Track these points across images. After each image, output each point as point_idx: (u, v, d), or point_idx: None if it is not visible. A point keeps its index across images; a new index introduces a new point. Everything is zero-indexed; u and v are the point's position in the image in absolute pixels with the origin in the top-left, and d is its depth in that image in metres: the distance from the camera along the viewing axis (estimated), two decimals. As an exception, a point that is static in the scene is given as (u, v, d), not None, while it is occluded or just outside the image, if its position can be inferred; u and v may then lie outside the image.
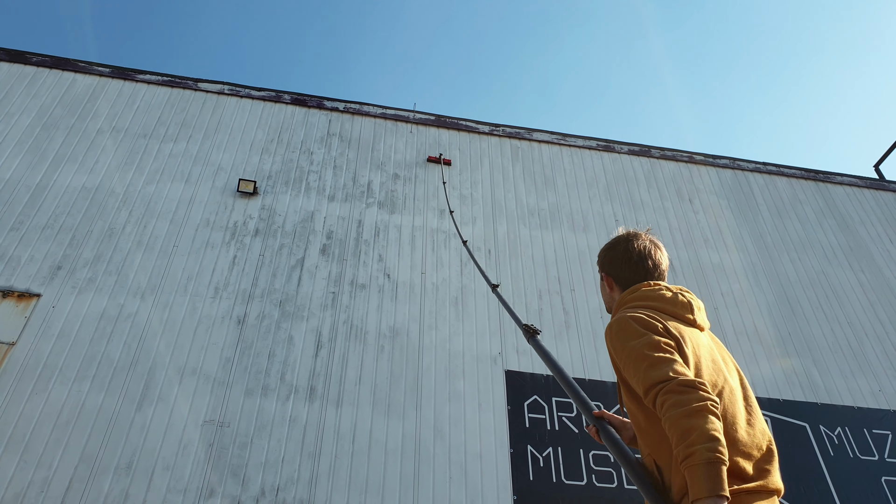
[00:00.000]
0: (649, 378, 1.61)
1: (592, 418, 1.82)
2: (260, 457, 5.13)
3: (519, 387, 5.99)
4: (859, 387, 6.71)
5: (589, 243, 7.38)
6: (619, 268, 2.07)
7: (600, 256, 2.19)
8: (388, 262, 6.66)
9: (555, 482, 5.44)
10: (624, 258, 2.07)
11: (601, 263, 2.18)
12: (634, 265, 2.05)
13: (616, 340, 1.80)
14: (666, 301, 1.91)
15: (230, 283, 6.15)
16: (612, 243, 2.16)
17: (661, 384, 1.58)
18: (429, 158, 7.85)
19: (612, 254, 2.12)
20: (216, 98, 7.80)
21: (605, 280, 2.15)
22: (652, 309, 1.87)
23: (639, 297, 1.94)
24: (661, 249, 2.11)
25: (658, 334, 1.72)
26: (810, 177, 9.03)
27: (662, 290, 1.94)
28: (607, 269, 2.13)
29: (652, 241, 2.11)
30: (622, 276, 2.06)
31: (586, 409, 1.84)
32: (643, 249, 2.06)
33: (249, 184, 6.88)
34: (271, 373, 5.64)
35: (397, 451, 5.39)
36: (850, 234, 8.37)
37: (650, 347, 1.68)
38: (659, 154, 8.66)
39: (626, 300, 1.97)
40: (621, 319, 1.82)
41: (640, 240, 2.09)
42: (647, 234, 2.13)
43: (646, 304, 1.90)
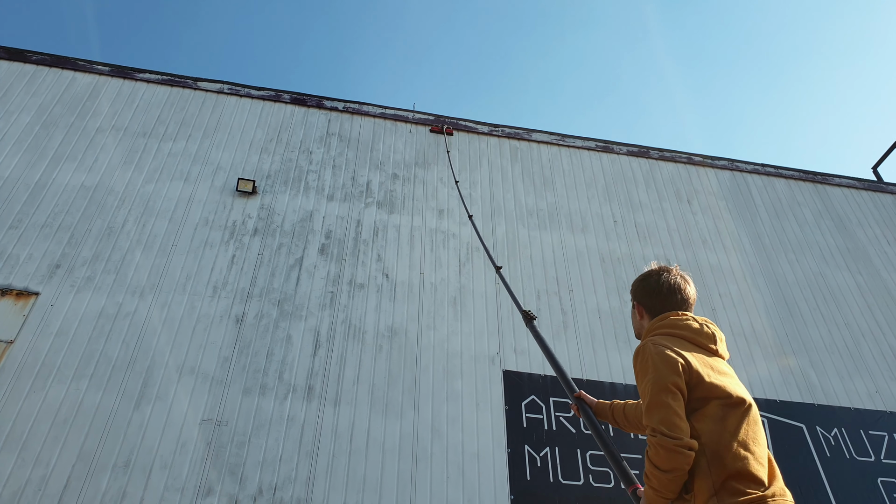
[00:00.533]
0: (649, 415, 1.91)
1: (573, 398, 2.25)
2: (258, 455, 5.14)
3: (517, 387, 6.00)
4: (856, 388, 6.73)
5: (587, 244, 7.40)
6: (650, 298, 2.28)
7: (634, 287, 2.41)
8: (387, 262, 6.67)
9: (552, 482, 5.46)
10: (656, 289, 2.28)
11: (634, 293, 2.40)
12: (665, 297, 2.25)
13: (637, 366, 2.05)
14: (692, 331, 2.11)
15: (229, 283, 6.16)
16: (645, 276, 2.37)
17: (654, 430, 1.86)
18: (432, 129, 7.87)
19: (644, 285, 2.34)
20: (216, 97, 7.81)
21: (636, 308, 2.37)
22: (678, 337, 2.08)
23: (667, 324, 2.15)
24: (690, 284, 2.32)
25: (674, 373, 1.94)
26: (808, 178, 9.05)
27: (689, 321, 2.14)
28: (639, 299, 2.35)
29: (682, 276, 2.32)
30: (653, 305, 2.27)
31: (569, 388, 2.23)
32: (673, 283, 2.27)
33: (248, 183, 6.89)
34: (269, 372, 5.65)
35: (395, 450, 5.40)
36: (848, 236, 8.39)
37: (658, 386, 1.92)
38: (658, 155, 8.68)
39: (655, 327, 2.18)
40: (646, 347, 2.03)
41: (671, 274, 2.31)
42: (678, 270, 2.35)
43: (672, 332, 2.10)
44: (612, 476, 5.57)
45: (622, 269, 7.24)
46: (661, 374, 1.92)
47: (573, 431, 5.80)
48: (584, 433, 5.82)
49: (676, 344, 2.03)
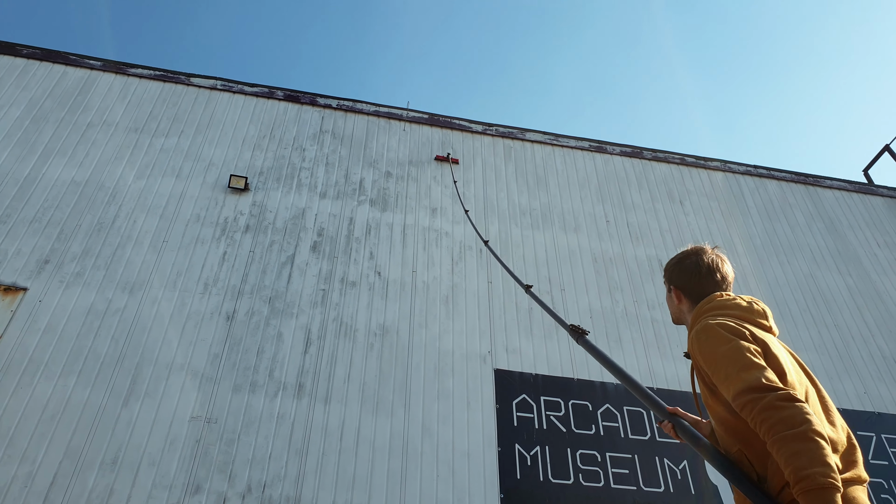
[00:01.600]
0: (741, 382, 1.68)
1: (667, 415, 1.93)
2: (247, 453, 5.12)
3: (508, 385, 6.00)
4: (845, 389, 6.76)
5: (580, 244, 7.40)
6: (688, 280, 2.17)
7: (668, 269, 2.28)
8: (379, 260, 6.65)
9: (542, 481, 5.46)
10: (694, 271, 2.17)
11: (669, 276, 2.27)
12: (704, 278, 2.15)
13: (705, 346, 1.86)
14: (743, 309, 2.00)
15: (220, 280, 6.14)
16: (680, 257, 2.25)
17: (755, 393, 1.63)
18: (436, 158, 7.87)
19: (680, 267, 2.22)
20: (209, 93, 7.77)
21: (673, 292, 2.25)
22: (732, 317, 1.96)
23: (717, 305, 2.03)
24: (727, 262, 2.21)
25: (746, 340, 1.80)
26: (800, 180, 9.09)
27: (737, 300, 2.03)
28: (676, 282, 2.23)
29: (718, 255, 2.21)
30: (691, 288, 2.16)
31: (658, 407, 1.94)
32: (711, 263, 2.17)
33: (241, 180, 6.86)
34: (260, 369, 5.63)
35: (385, 448, 5.39)
36: (839, 238, 8.43)
37: (739, 352, 1.76)
38: (651, 156, 8.70)
39: (704, 310, 2.06)
40: (707, 326, 1.90)
41: (708, 254, 2.20)
42: (714, 249, 2.23)
43: (725, 313, 1.99)
44: (601, 475, 5.58)
45: (614, 270, 7.25)
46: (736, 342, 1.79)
47: (563, 430, 5.81)
48: (574, 432, 5.82)
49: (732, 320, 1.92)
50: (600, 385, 6.19)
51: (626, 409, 6.07)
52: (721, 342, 1.82)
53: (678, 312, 2.24)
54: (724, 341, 1.81)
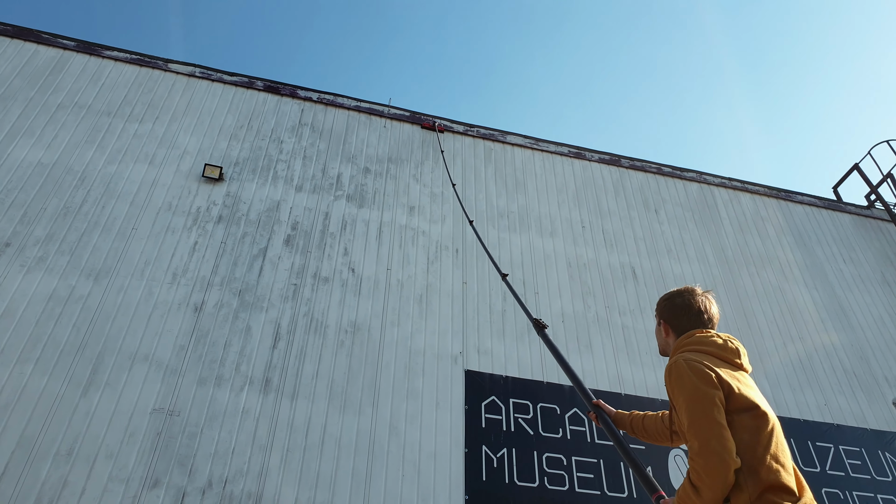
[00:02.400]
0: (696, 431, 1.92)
1: (592, 406, 2.32)
2: (209, 447, 5.02)
3: (478, 387, 5.98)
4: (806, 400, 6.88)
5: (555, 248, 7.42)
6: (678, 318, 2.36)
7: (660, 305, 2.47)
8: (354, 257, 6.59)
9: (507, 483, 5.45)
10: (684, 310, 2.35)
11: (661, 312, 2.46)
12: (693, 317, 2.33)
13: (674, 382, 2.08)
14: (717, 346, 2.18)
15: (189, 270, 6.02)
16: (672, 295, 2.44)
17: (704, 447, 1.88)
18: (423, 125, 7.83)
19: (672, 304, 2.40)
20: (186, 80, 7.63)
21: (662, 325, 2.44)
22: (705, 354, 2.15)
23: (694, 342, 2.22)
24: (715, 304, 2.42)
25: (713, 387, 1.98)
26: (773, 194, 9.22)
27: (713, 337, 2.22)
28: (666, 318, 2.41)
29: (707, 297, 2.41)
30: (680, 325, 2.35)
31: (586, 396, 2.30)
32: (700, 304, 2.36)
33: (215, 169, 6.75)
34: (226, 363, 5.53)
35: (351, 446, 5.33)
36: (807, 253, 8.57)
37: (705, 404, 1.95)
38: (628, 164, 8.75)
39: (682, 344, 2.25)
40: (679, 363, 2.08)
41: (698, 296, 2.38)
42: (705, 292, 2.43)
43: (700, 349, 2.17)
44: (566, 479, 5.59)
45: (588, 275, 7.28)
46: (702, 389, 1.97)
47: (531, 433, 5.80)
48: (542, 435, 5.82)
49: (704, 359, 2.10)
50: (569, 389, 6.20)
51: (593, 414, 6.09)
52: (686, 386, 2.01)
53: (665, 345, 2.42)
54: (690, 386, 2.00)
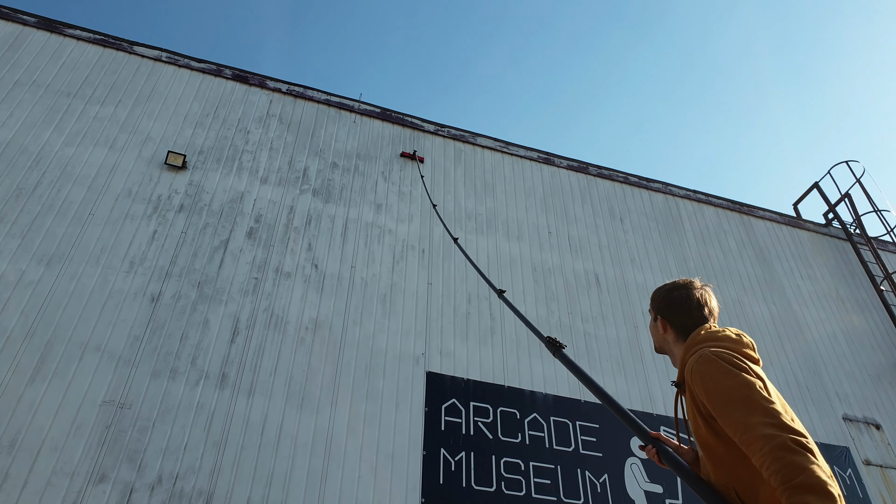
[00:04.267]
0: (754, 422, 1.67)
1: (650, 440, 1.93)
2: (161, 442, 4.88)
3: (439, 389, 5.94)
4: (762, 413, 7.01)
5: (521, 252, 7.43)
6: (677, 313, 2.19)
7: (657, 299, 2.30)
8: (318, 252, 6.49)
9: (464, 487, 5.42)
10: (683, 304, 2.19)
11: (657, 306, 2.29)
12: (693, 311, 2.17)
13: (707, 376, 1.86)
14: (733, 341, 2.02)
15: (147, 259, 5.85)
16: (669, 288, 2.27)
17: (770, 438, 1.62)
18: (402, 154, 7.77)
19: (670, 298, 2.24)
20: (152, 64, 7.43)
21: (659, 321, 2.26)
22: (725, 348, 1.96)
23: (709, 337, 2.05)
24: (714, 298, 2.26)
25: (749, 374, 1.81)
26: (735, 208, 9.40)
27: (727, 332, 2.06)
28: (663, 312, 2.25)
29: (706, 290, 2.25)
30: (679, 320, 2.19)
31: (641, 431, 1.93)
32: (700, 297, 2.20)
33: (179, 157, 6.57)
34: (182, 356, 5.38)
35: (307, 445, 5.24)
36: (767, 267, 8.76)
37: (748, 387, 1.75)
38: (596, 172, 8.82)
39: (697, 340, 2.08)
40: (707, 356, 1.89)
41: (697, 288, 2.23)
42: (704, 285, 2.27)
43: (718, 344, 2.00)
44: (524, 484, 5.59)
45: (552, 280, 7.31)
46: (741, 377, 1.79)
47: (490, 437, 5.79)
48: (501, 440, 5.81)
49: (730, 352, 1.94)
50: (529, 394, 6.21)
51: (552, 419, 6.11)
52: (724, 375, 1.82)
53: (662, 342, 2.27)
54: (728, 374, 1.81)
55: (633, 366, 6.86)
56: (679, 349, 2.16)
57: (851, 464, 6.88)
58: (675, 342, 2.19)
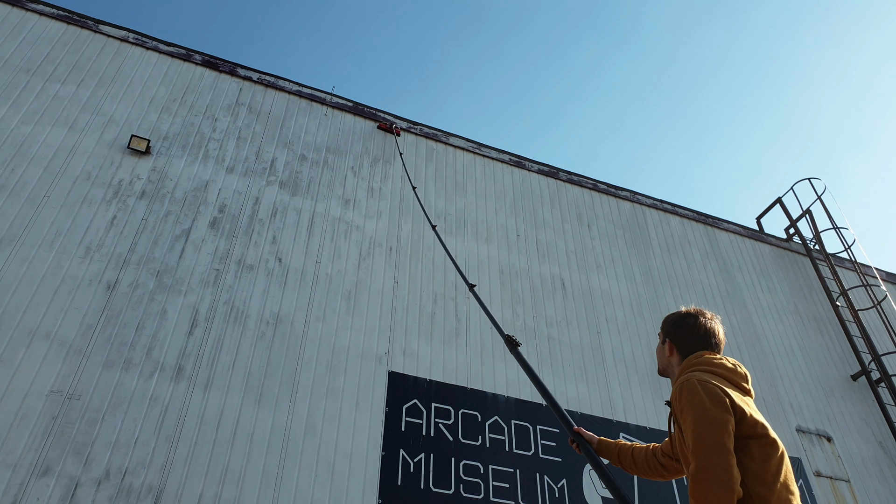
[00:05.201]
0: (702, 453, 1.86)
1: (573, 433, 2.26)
2: (110, 435, 4.71)
3: (401, 389, 5.88)
4: (718, 422, 7.11)
5: (489, 254, 7.41)
6: (686, 338, 2.34)
7: (668, 324, 2.45)
8: (282, 246, 6.36)
9: (422, 489, 5.37)
10: (692, 331, 2.34)
11: (667, 330, 2.44)
12: (701, 339, 2.32)
13: (684, 401, 2.01)
14: (726, 370, 2.16)
15: (104, 245, 5.66)
16: (681, 316, 2.42)
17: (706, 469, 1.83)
18: (379, 126, 7.68)
19: (680, 324, 2.39)
20: (118, 45, 7.20)
21: (667, 345, 2.41)
22: (716, 375, 2.11)
23: (704, 362, 2.20)
24: (722, 329, 2.41)
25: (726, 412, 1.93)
26: (700, 220, 9.54)
27: (723, 360, 2.21)
28: (672, 336, 2.39)
29: (715, 320, 2.40)
30: (687, 346, 2.33)
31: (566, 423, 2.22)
32: (710, 327, 2.35)
33: (142, 142, 6.38)
34: (137, 346, 5.22)
35: (264, 442, 5.12)
36: (728, 279, 8.90)
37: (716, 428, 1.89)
38: (566, 178, 8.86)
39: (691, 364, 2.23)
40: (692, 382, 2.02)
41: (707, 318, 2.38)
42: (713, 316, 2.42)
43: (712, 370, 2.14)
44: (482, 487, 5.56)
45: (518, 283, 7.30)
46: (714, 413, 1.91)
47: (451, 439, 5.75)
48: (461, 442, 5.78)
49: (716, 380, 2.06)
50: (492, 396, 6.18)
51: (513, 422, 6.10)
52: (696, 406, 1.95)
53: (667, 364, 2.41)
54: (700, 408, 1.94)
55: (595, 372, 6.89)
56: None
57: (803, 475, 7.03)
58: (678, 365, 2.34)
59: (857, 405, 8.13)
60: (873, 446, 7.72)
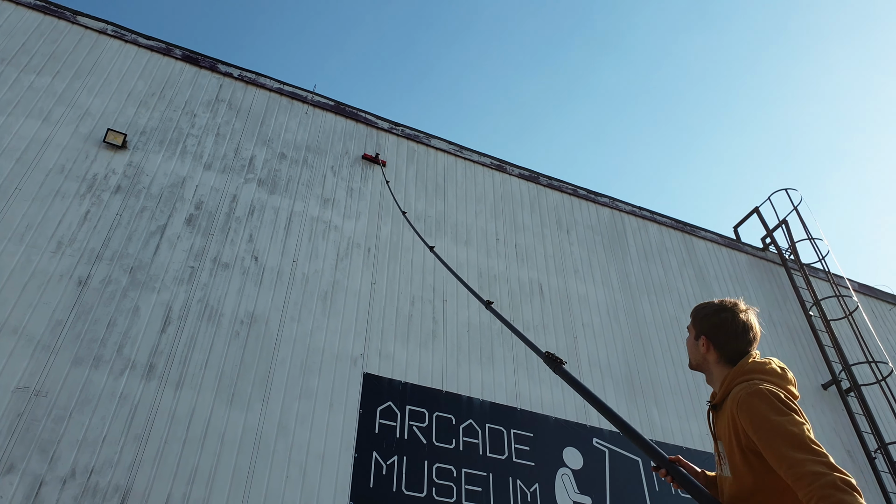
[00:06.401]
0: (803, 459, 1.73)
1: (667, 464, 1.97)
2: (77, 433, 4.64)
3: (375, 391, 5.85)
4: (691, 429, 7.18)
5: (468, 257, 7.41)
6: (723, 335, 2.21)
7: (700, 318, 2.30)
8: (259, 244, 6.31)
9: (394, 491, 5.35)
10: (730, 327, 2.20)
11: (700, 325, 2.29)
12: (739, 335, 2.19)
13: (755, 411, 1.90)
14: (778, 377, 2.07)
15: (77, 240, 5.57)
16: (716, 309, 2.27)
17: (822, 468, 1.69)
18: (364, 156, 7.63)
19: (716, 319, 2.24)
20: (96, 36, 7.10)
21: (701, 341, 2.27)
22: (773, 384, 2.00)
23: (757, 368, 2.09)
24: (757, 321, 2.28)
25: (799, 415, 1.86)
26: (678, 227, 9.62)
27: (772, 366, 2.11)
28: (707, 332, 2.25)
29: (750, 313, 2.26)
30: (725, 342, 2.20)
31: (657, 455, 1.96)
32: (747, 321, 2.22)
33: (119, 136, 6.30)
34: (108, 343, 5.14)
35: (235, 443, 5.07)
36: (705, 287, 8.99)
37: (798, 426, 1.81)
38: (546, 182, 8.89)
39: (745, 370, 2.10)
40: (758, 391, 1.93)
41: (743, 311, 2.24)
42: (748, 307, 2.28)
43: (766, 378, 2.03)
44: (455, 491, 5.55)
45: (497, 287, 7.31)
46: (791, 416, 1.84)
47: (424, 442, 5.73)
48: (434, 445, 5.76)
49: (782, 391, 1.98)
50: (466, 400, 6.18)
51: (488, 426, 6.10)
52: (775, 412, 1.86)
53: (702, 360, 2.28)
54: (779, 412, 1.86)
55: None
56: (720, 371, 2.20)
57: (772, 481, 7.11)
58: (717, 364, 2.22)
59: (827, 414, 8.25)
60: (841, 455, 7.83)
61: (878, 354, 9.01)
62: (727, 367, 2.18)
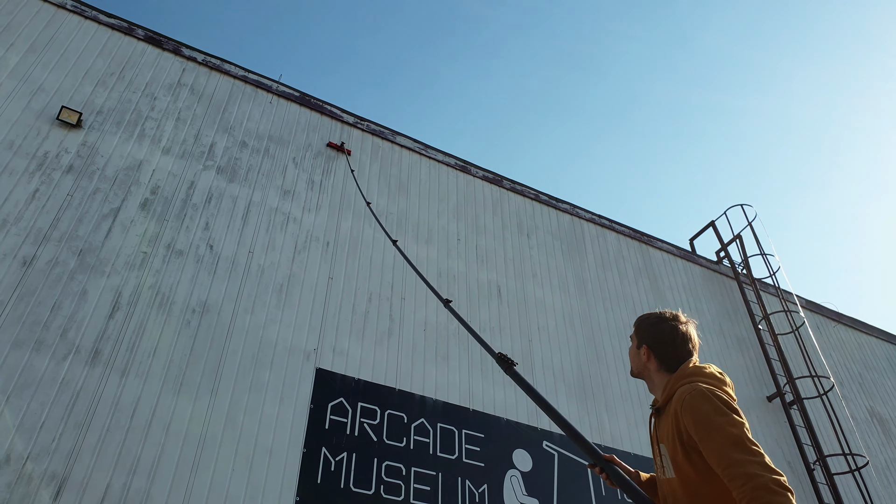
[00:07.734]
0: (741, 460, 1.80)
1: (603, 462, 2.05)
2: (14, 418, 4.47)
3: (327, 387, 5.80)
4: (640, 436, 7.30)
5: (428, 256, 7.40)
6: (663, 345, 2.31)
7: (643, 328, 2.41)
8: (215, 233, 6.19)
9: (342, 488, 5.30)
10: (669, 337, 2.31)
11: (643, 335, 2.40)
12: (678, 345, 2.29)
13: (697, 410, 1.98)
14: (717, 380, 2.15)
15: (23, 219, 5.38)
16: (657, 320, 2.39)
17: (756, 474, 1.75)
18: (329, 144, 7.55)
19: (657, 329, 2.35)
20: (54, 10, 6.87)
21: (643, 350, 2.37)
22: (714, 386, 2.08)
23: (697, 372, 2.18)
24: (696, 331, 2.38)
25: (739, 416, 1.93)
26: (636, 237, 9.79)
27: (711, 370, 2.20)
28: (649, 342, 2.36)
29: (690, 325, 2.37)
30: (664, 352, 2.30)
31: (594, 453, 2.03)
32: (686, 332, 2.33)
33: (74, 114, 6.10)
34: (51, 327, 4.97)
35: (181, 433, 4.96)
36: (659, 296, 9.17)
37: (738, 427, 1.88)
38: (509, 186, 8.95)
39: (686, 374, 2.20)
40: (702, 392, 2.01)
41: (683, 323, 2.36)
42: (687, 319, 2.39)
43: (707, 381, 2.12)
44: (403, 489, 5.54)
45: (456, 287, 7.32)
46: (731, 416, 1.92)
47: (375, 440, 5.70)
48: (385, 443, 5.73)
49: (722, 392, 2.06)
50: (420, 398, 6.17)
51: (439, 425, 6.10)
52: (716, 411, 1.94)
53: (643, 368, 2.38)
54: (720, 412, 1.94)
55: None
56: (660, 378, 2.29)
57: (714, 488, 7.28)
58: (658, 372, 2.31)
59: (771, 426, 8.49)
60: (782, 465, 8.06)
61: (820, 369, 9.32)
62: (667, 375, 2.28)
